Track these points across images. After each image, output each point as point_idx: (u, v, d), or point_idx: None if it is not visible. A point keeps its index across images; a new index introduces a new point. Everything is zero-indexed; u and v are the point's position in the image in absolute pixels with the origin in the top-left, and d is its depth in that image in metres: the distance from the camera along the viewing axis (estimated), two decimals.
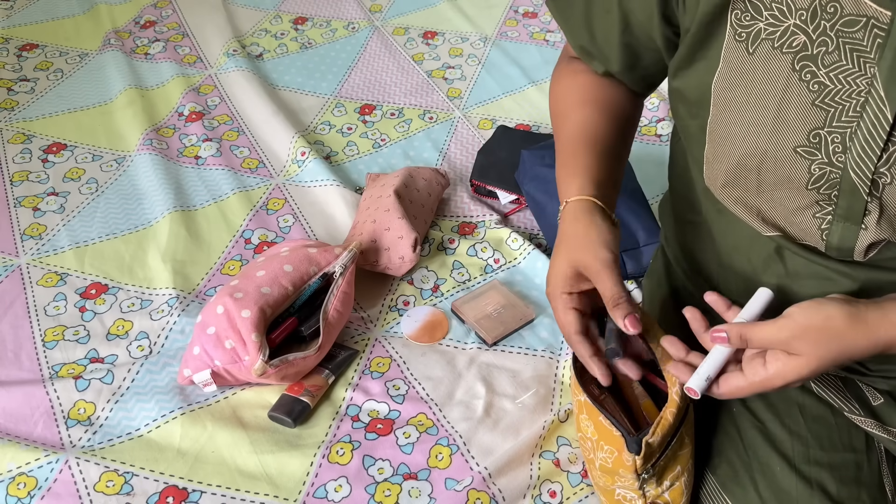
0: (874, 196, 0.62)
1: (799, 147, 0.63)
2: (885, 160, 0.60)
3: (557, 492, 0.85)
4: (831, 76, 0.60)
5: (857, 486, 0.75)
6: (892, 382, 0.77)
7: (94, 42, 1.60)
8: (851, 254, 0.66)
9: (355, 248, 1.01)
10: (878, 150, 0.59)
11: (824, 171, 0.63)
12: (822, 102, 0.61)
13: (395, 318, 1.04)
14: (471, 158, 1.31)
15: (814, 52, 0.60)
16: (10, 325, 1.03)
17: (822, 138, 0.62)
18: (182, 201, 1.22)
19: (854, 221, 0.64)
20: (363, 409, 0.93)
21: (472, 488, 0.83)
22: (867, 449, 0.78)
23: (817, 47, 0.60)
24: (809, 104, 0.61)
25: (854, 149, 0.60)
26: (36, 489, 0.84)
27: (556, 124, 0.83)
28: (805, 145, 0.63)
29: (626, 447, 0.71)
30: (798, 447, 0.77)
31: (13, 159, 1.30)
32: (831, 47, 0.59)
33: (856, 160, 0.61)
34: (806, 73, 0.61)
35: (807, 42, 0.60)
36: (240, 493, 0.85)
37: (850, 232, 0.65)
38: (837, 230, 0.66)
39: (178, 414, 0.92)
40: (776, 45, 0.61)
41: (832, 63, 0.59)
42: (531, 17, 1.69)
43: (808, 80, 0.61)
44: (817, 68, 0.60)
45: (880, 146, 0.59)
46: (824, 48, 0.59)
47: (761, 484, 0.76)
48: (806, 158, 0.63)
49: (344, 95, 1.47)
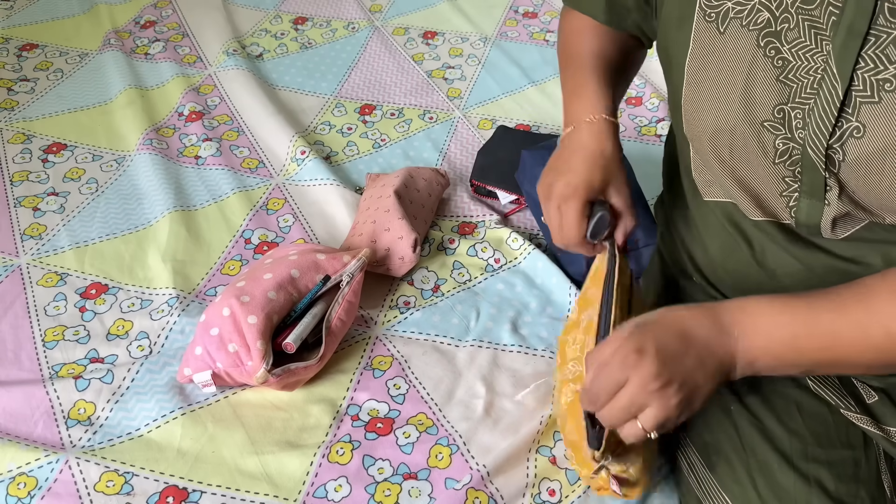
0: (831, 172, 0.63)
1: (765, 122, 0.65)
2: (838, 137, 0.61)
3: (556, 490, 0.85)
4: (793, 52, 0.61)
5: (855, 483, 0.76)
6: (886, 380, 0.77)
7: (94, 42, 1.60)
8: (819, 230, 0.68)
9: (364, 256, 1.01)
10: (830, 125, 0.61)
11: (788, 147, 0.65)
12: (786, 78, 0.62)
13: (396, 316, 1.04)
14: (471, 158, 1.31)
15: (777, 28, 0.62)
16: (10, 325, 1.03)
17: (787, 113, 0.63)
18: (182, 201, 1.22)
19: (817, 197, 0.66)
20: (363, 408, 0.93)
21: (470, 487, 0.83)
22: (865, 446, 0.78)
23: (780, 24, 0.61)
24: (774, 79, 0.63)
25: (811, 124, 0.62)
26: (36, 489, 0.84)
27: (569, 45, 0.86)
28: (771, 120, 0.64)
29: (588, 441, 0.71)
30: (796, 445, 0.77)
31: (13, 159, 1.30)
32: (793, 24, 0.61)
33: (811, 136, 0.62)
34: (770, 49, 0.62)
35: (770, 19, 0.62)
36: (240, 492, 0.85)
37: (814, 209, 0.67)
38: (804, 206, 0.67)
39: (179, 414, 0.92)
40: (744, 22, 0.63)
41: (794, 39, 0.61)
42: (531, 17, 1.69)
43: (773, 55, 0.62)
44: (781, 44, 0.62)
45: (832, 122, 0.60)
46: (787, 24, 0.61)
47: (760, 482, 0.77)
48: (772, 133, 0.65)
49: (344, 95, 1.47)
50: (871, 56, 0.57)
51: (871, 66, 0.58)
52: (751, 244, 0.76)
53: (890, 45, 0.56)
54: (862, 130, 0.60)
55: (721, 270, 0.81)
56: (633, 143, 1.36)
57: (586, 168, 0.76)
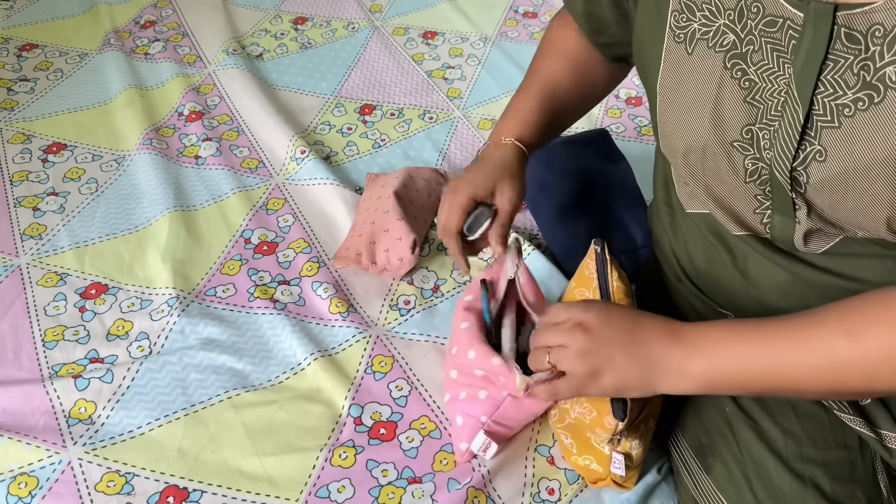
0: (798, 192, 0.64)
1: (734, 142, 0.65)
2: (802, 160, 0.61)
3: (556, 489, 0.85)
4: (759, 74, 0.62)
5: (851, 484, 0.76)
6: None
7: (94, 42, 1.60)
8: (793, 245, 0.69)
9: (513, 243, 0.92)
10: (793, 148, 0.61)
11: (757, 166, 0.65)
12: (753, 99, 0.63)
13: (396, 317, 1.04)
14: (471, 158, 1.31)
15: (743, 49, 0.62)
16: (10, 325, 1.03)
17: (754, 134, 0.64)
18: (182, 201, 1.22)
19: (788, 215, 0.66)
20: (365, 410, 0.93)
21: (471, 486, 0.84)
22: (861, 446, 0.78)
23: (745, 45, 0.62)
24: (741, 100, 0.63)
25: (776, 147, 0.62)
26: (37, 489, 0.85)
27: (535, 60, 0.93)
28: (739, 140, 0.65)
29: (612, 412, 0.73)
30: (791, 446, 0.77)
31: (13, 159, 1.30)
32: (756, 46, 0.61)
33: (777, 158, 0.63)
34: (737, 70, 0.63)
35: (736, 41, 0.62)
36: (241, 493, 0.85)
37: (787, 225, 0.68)
38: (777, 223, 0.68)
39: (182, 414, 0.92)
40: (710, 44, 0.64)
41: (759, 61, 0.61)
42: (531, 17, 1.69)
43: (739, 77, 0.63)
44: (747, 66, 0.62)
45: (794, 145, 0.61)
46: (752, 46, 0.61)
47: (756, 483, 0.77)
48: (741, 153, 0.65)
49: (344, 95, 1.47)
50: (829, 81, 0.57)
51: (831, 91, 0.58)
52: (733, 254, 0.76)
53: (847, 71, 0.56)
54: (824, 154, 0.60)
55: (705, 278, 0.82)
56: (633, 143, 1.36)
57: (477, 173, 0.86)
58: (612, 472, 0.79)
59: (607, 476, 0.80)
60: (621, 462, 0.78)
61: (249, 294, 1.07)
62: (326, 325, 1.03)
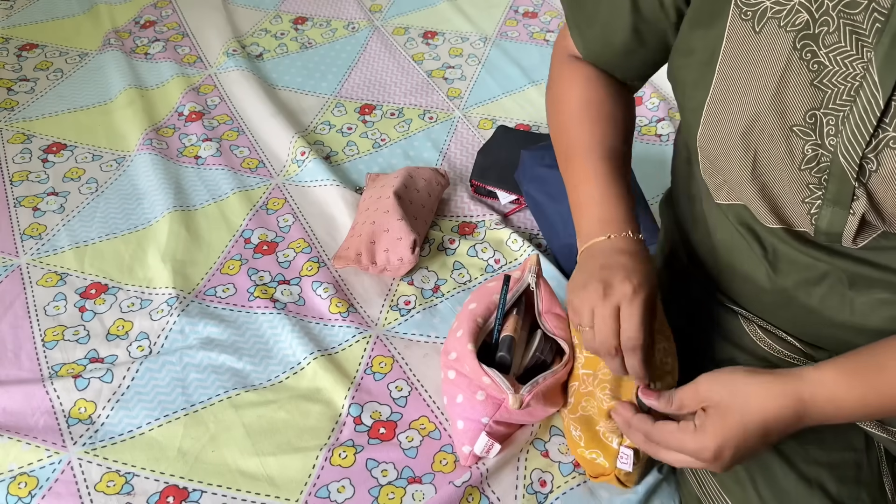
0: (861, 182, 0.62)
1: (795, 126, 0.63)
2: (874, 147, 0.60)
3: (548, 481, 0.85)
4: (831, 57, 0.60)
5: (856, 486, 0.76)
6: None
7: (94, 42, 1.60)
8: (840, 238, 0.67)
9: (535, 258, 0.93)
10: (868, 135, 0.60)
11: (817, 153, 0.63)
12: (821, 83, 0.61)
13: (396, 317, 1.04)
14: (471, 158, 1.31)
15: (815, 31, 0.60)
16: (10, 325, 1.03)
17: (818, 119, 0.62)
18: (182, 201, 1.22)
19: (843, 206, 0.64)
20: (365, 409, 0.93)
21: (469, 485, 0.84)
22: (866, 448, 0.78)
23: (819, 27, 0.60)
24: (808, 84, 0.62)
25: (845, 132, 0.61)
26: (37, 488, 0.84)
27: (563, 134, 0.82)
28: (801, 125, 0.63)
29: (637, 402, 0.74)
30: (797, 447, 0.77)
31: (13, 159, 1.30)
32: (832, 28, 0.59)
33: (845, 144, 0.61)
34: (806, 52, 0.61)
35: (809, 21, 0.60)
36: (241, 493, 0.85)
37: (838, 217, 0.65)
38: (827, 214, 0.66)
39: (182, 414, 0.92)
40: (781, 23, 0.62)
41: (832, 44, 0.60)
42: (531, 17, 1.69)
43: (809, 59, 0.61)
44: (818, 48, 0.60)
45: (870, 132, 0.59)
46: (826, 28, 0.59)
47: (761, 483, 0.77)
48: (801, 138, 0.64)
49: (344, 95, 1.47)
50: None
51: None
52: (763, 247, 0.74)
53: None
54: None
55: (725, 269, 0.80)
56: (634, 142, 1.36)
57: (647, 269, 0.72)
58: (618, 466, 0.79)
59: (611, 472, 0.80)
60: (629, 457, 0.78)
61: (249, 294, 1.07)
62: (326, 324, 1.03)
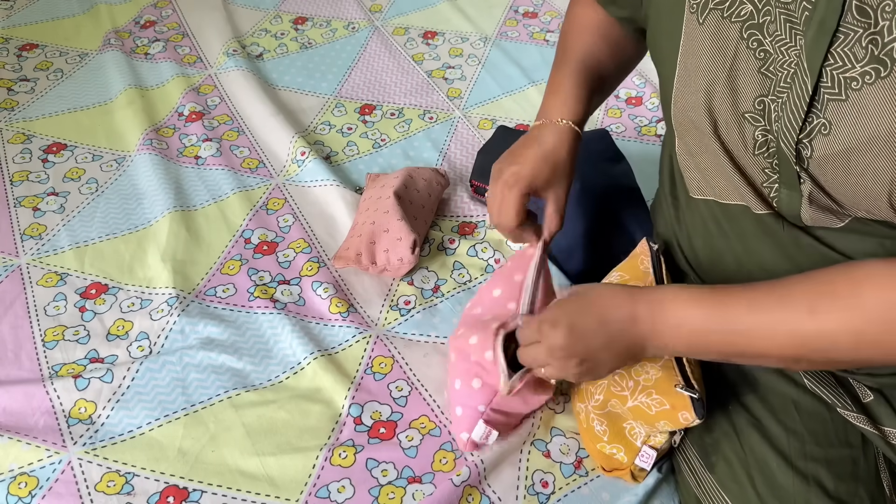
0: (801, 166, 0.64)
1: (746, 112, 0.66)
2: (808, 132, 0.62)
3: (550, 482, 0.85)
4: (773, 45, 0.62)
5: (854, 482, 0.76)
6: (878, 380, 0.77)
7: (94, 42, 1.60)
8: (800, 219, 0.69)
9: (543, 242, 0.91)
10: (800, 120, 0.62)
11: (766, 138, 0.66)
12: (767, 70, 0.63)
13: (396, 317, 1.04)
14: (471, 158, 1.31)
15: (760, 20, 0.63)
16: (10, 325, 1.03)
17: (766, 105, 0.64)
18: (182, 201, 1.22)
19: (794, 189, 0.66)
20: (365, 409, 0.93)
21: (468, 484, 0.84)
22: (863, 444, 0.78)
23: (763, 16, 0.62)
24: (756, 71, 0.64)
25: (784, 118, 0.63)
26: (37, 488, 0.84)
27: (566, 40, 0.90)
28: (752, 111, 0.66)
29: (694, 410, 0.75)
30: (794, 444, 0.77)
31: (13, 159, 1.30)
32: (773, 17, 0.62)
33: (783, 129, 0.63)
34: (753, 41, 0.64)
35: (753, 11, 0.63)
36: (241, 492, 0.85)
37: (793, 199, 0.67)
38: (784, 196, 0.68)
39: (182, 414, 0.92)
40: (725, 14, 0.65)
41: (773, 32, 0.62)
42: (531, 17, 1.69)
43: (755, 48, 0.64)
44: (763, 37, 0.63)
45: (801, 117, 0.61)
46: (769, 17, 0.62)
47: (759, 481, 0.77)
48: (752, 124, 0.66)
49: (344, 95, 1.47)
50: (839, 53, 0.58)
51: (840, 64, 0.58)
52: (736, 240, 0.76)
53: (857, 44, 0.57)
54: (829, 128, 0.60)
55: (707, 267, 0.82)
56: (633, 143, 1.36)
57: (536, 164, 0.82)
58: (636, 463, 0.80)
59: (627, 467, 0.82)
60: (651, 457, 0.80)
61: (249, 294, 1.07)
62: (326, 324, 1.03)
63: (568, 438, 0.89)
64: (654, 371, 0.79)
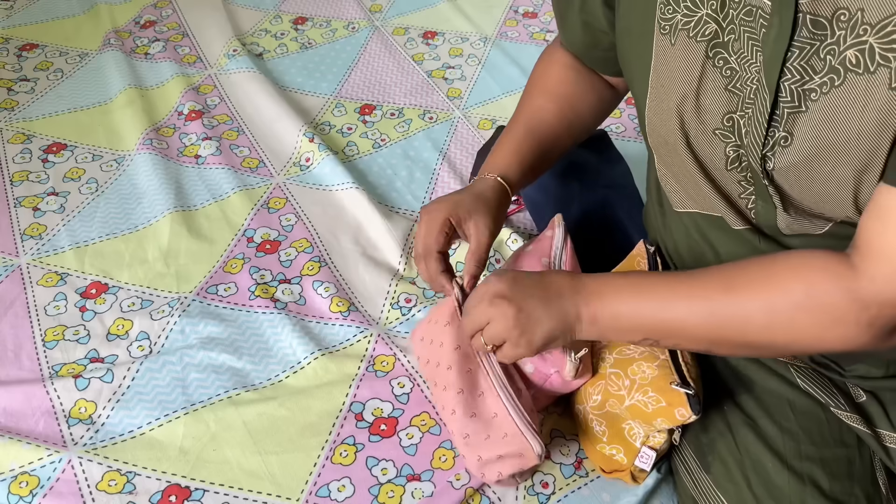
0: (769, 178, 0.66)
1: (716, 129, 0.67)
2: (770, 146, 0.63)
3: (550, 483, 0.85)
4: (739, 63, 0.64)
5: (849, 481, 0.76)
6: (870, 383, 0.77)
7: (94, 42, 1.60)
8: (777, 230, 0.70)
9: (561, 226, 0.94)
10: (762, 135, 0.63)
11: (738, 153, 0.67)
12: (734, 87, 0.65)
13: (397, 316, 1.04)
14: (471, 158, 1.31)
15: (724, 39, 0.64)
16: (10, 325, 1.03)
17: (735, 121, 0.66)
18: (182, 201, 1.22)
19: (767, 200, 0.68)
20: (367, 406, 0.93)
21: (469, 486, 0.84)
22: (859, 444, 0.78)
23: (727, 35, 0.63)
24: (723, 88, 0.65)
25: (750, 133, 0.64)
26: (38, 488, 0.85)
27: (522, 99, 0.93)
28: (721, 128, 0.67)
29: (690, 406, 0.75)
30: (789, 443, 0.78)
31: (13, 159, 1.30)
32: (737, 35, 0.63)
33: (750, 144, 0.65)
34: (718, 59, 0.65)
35: (718, 30, 0.64)
36: (242, 491, 0.85)
37: (769, 211, 0.69)
38: (760, 208, 0.70)
39: (182, 414, 0.92)
40: (691, 34, 0.66)
41: (738, 50, 0.63)
42: (531, 17, 1.69)
43: (721, 66, 0.65)
44: (728, 55, 0.64)
45: (763, 131, 0.63)
46: (732, 36, 0.63)
47: (754, 481, 0.77)
48: (722, 140, 0.67)
49: (344, 95, 1.47)
50: (797, 67, 0.59)
51: (797, 77, 0.60)
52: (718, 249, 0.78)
53: (814, 56, 0.58)
54: (789, 139, 0.62)
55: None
56: (633, 143, 1.36)
57: (461, 195, 0.85)
58: (636, 464, 0.80)
59: (627, 468, 0.82)
60: (650, 458, 0.80)
61: (250, 293, 1.07)
62: (327, 323, 1.03)
63: (568, 439, 0.89)
64: (651, 370, 0.79)
